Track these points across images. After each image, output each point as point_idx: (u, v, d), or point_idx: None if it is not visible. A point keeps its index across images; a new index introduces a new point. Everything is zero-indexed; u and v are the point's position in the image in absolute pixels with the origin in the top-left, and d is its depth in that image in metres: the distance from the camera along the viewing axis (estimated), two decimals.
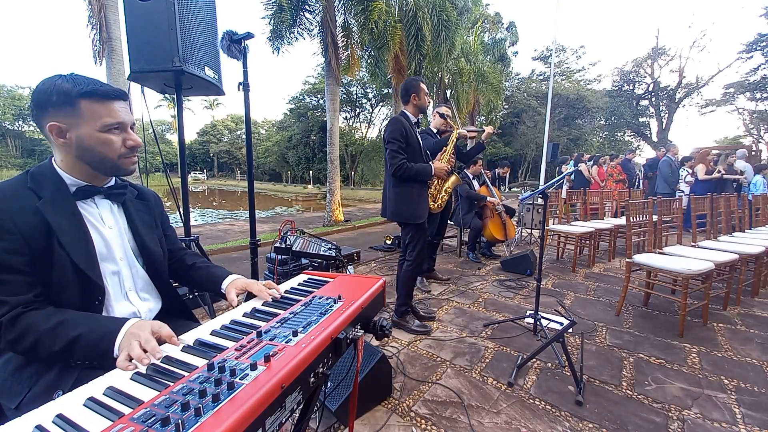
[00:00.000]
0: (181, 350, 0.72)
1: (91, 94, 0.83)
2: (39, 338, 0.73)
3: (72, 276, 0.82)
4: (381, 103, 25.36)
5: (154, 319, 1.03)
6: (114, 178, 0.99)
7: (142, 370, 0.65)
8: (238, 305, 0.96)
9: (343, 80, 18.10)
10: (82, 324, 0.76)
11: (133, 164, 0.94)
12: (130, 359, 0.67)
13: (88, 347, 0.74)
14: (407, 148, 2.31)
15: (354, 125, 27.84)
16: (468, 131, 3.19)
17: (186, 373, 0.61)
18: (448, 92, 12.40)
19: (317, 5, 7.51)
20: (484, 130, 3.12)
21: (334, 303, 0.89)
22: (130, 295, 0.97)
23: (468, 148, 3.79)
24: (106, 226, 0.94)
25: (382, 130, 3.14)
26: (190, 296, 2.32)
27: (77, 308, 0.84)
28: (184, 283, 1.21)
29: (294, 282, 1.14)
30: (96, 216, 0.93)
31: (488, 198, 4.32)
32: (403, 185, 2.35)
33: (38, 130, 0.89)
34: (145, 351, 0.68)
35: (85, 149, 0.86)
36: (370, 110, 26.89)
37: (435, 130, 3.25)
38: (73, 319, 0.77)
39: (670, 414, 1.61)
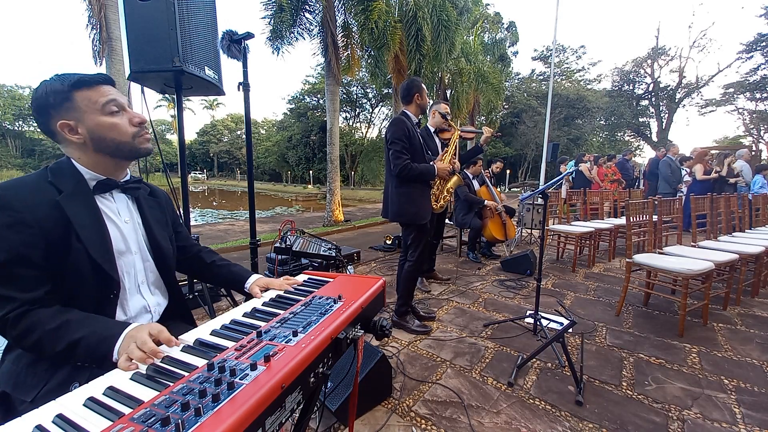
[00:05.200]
0: (181, 350, 0.72)
1: (80, 84, 0.86)
2: (42, 337, 0.74)
3: (88, 270, 0.83)
4: (381, 103, 25.39)
5: (162, 314, 1.05)
6: (129, 173, 1.02)
7: (143, 370, 0.65)
8: None
9: (343, 80, 18.10)
10: (84, 327, 0.76)
11: (148, 142, 0.97)
12: (131, 361, 0.67)
13: (87, 350, 0.74)
14: (410, 148, 2.30)
15: (354, 125, 27.88)
16: (466, 132, 3.16)
17: (186, 373, 0.61)
18: (448, 92, 12.40)
19: (317, 5, 7.51)
20: (483, 133, 3.00)
21: (334, 303, 0.89)
22: (142, 288, 0.99)
23: (467, 150, 3.76)
24: (123, 219, 0.96)
25: (383, 131, 3.10)
26: (190, 296, 2.32)
27: (93, 302, 0.85)
28: (201, 278, 1.24)
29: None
30: (114, 210, 0.95)
31: (486, 202, 4.32)
32: (405, 186, 2.34)
33: (46, 134, 0.90)
34: (145, 353, 0.68)
35: (100, 140, 0.88)
36: (370, 110, 26.92)
37: (432, 129, 3.06)
38: (77, 320, 0.77)
39: (670, 414, 1.61)
